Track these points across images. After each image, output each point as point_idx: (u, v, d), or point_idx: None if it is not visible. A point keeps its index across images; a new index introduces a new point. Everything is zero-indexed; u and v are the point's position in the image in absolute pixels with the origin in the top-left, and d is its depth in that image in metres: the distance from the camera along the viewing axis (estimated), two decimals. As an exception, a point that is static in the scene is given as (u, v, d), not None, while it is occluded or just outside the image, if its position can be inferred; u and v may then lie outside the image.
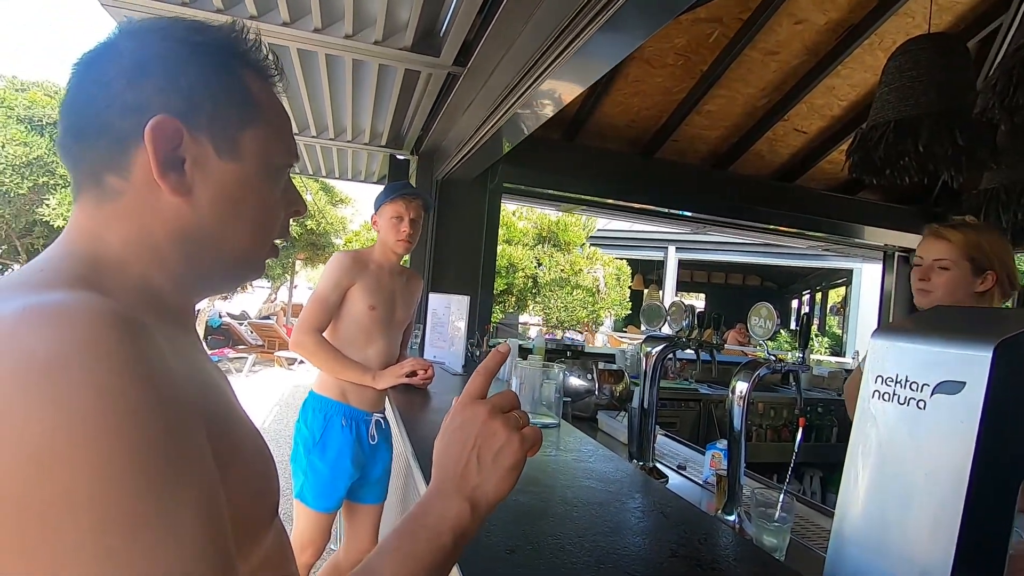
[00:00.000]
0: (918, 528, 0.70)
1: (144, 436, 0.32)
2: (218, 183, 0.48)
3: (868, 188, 4.02)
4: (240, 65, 0.50)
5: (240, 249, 0.51)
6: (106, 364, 0.32)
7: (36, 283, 0.40)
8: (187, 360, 0.45)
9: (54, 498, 0.29)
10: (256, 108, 0.50)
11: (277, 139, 0.52)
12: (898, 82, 1.72)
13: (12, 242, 8.57)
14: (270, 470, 0.52)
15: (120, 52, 0.46)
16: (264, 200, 0.52)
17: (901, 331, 0.78)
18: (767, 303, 1.16)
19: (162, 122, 0.44)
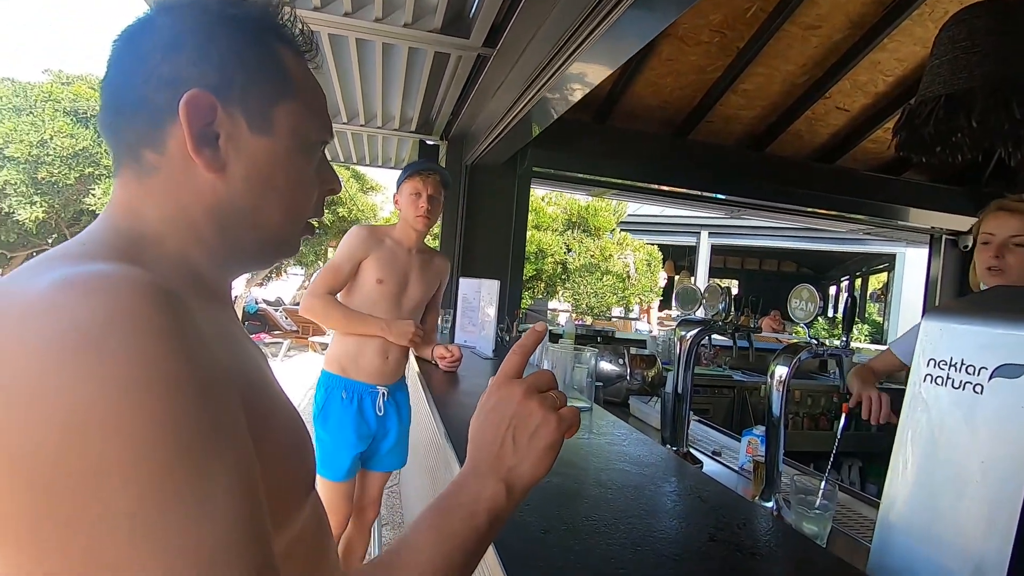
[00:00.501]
0: (972, 518, 0.67)
1: (181, 408, 0.32)
2: (251, 158, 0.48)
3: (915, 168, 3.84)
4: (274, 39, 0.49)
5: (274, 225, 0.51)
6: (145, 335, 0.32)
7: (77, 255, 0.40)
8: (224, 334, 0.45)
9: (91, 467, 0.29)
10: (290, 83, 0.49)
11: (311, 115, 0.51)
12: (950, 54, 1.63)
13: (61, 231, 8.95)
14: (306, 444, 0.52)
15: (157, 27, 0.46)
16: (297, 176, 0.51)
17: (955, 312, 0.74)
18: (808, 285, 1.12)
19: (196, 96, 0.44)
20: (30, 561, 0.30)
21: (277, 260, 0.55)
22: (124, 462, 0.30)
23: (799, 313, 1.14)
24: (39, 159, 7.54)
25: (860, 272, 12.78)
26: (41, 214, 7.83)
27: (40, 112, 7.72)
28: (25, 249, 9.17)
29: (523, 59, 1.97)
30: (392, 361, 1.96)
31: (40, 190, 7.79)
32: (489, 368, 2.01)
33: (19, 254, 9.23)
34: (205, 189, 0.47)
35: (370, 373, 1.91)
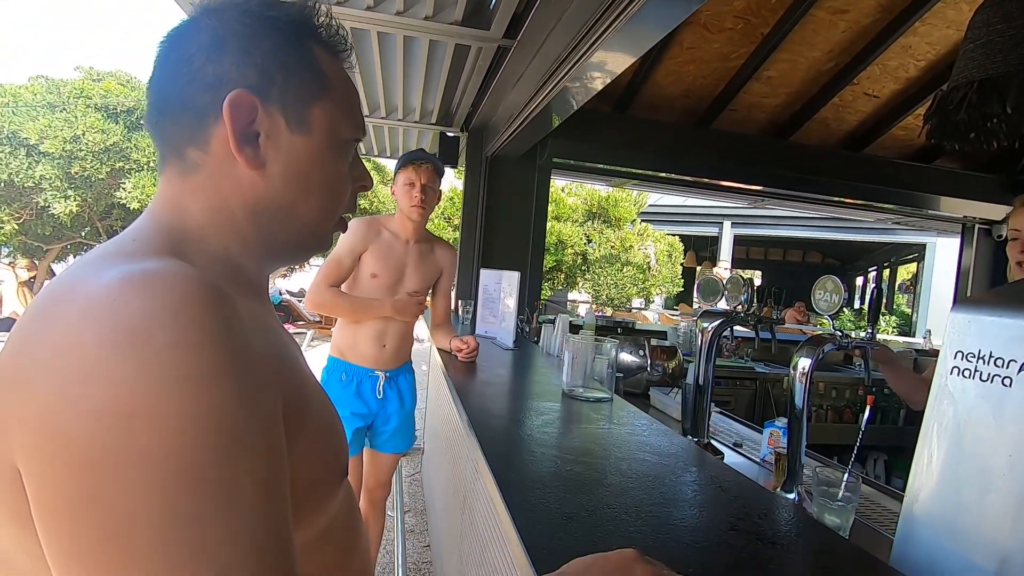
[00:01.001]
0: (999, 512, 0.66)
1: (221, 407, 0.34)
2: (289, 156, 0.49)
3: (947, 155, 3.73)
4: (311, 40, 0.51)
5: (310, 221, 0.52)
6: (195, 334, 0.34)
7: (130, 252, 0.42)
8: (264, 328, 0.47)
9: (133, 456, 0.31)
10: (326, 82, 0.51)
11: (345, 113, 0.52)
12: (985, 37, 1.57)
13: (94, 224, 9.21)
14: (339, 432, 0.54)
15: (200, 29, 0.47)
16: (333, 173, 0.52)
17: (984, 304, 0.73)
18: (833, 276, 1.11)
19: (239, 96, 0.45)
20: (67, 544, 0.32)
21: (312, 254, 0.57)
22: (164, 454, 0.32)
23: (823, 304, 1.13)
24: (72, 154, 7.75)
25: (888, 263, 12.47)
26: (75, 208, 8.06)
27: (73, 109, 7.92)
28: (60, 242, 9.47)
29: (544, 49, 1.96)
30: (390, 348, 1.99)
31: (74, 184, 8.02)
32: (509, 358, 2.02)
33: (54, 246, 9.53)
34: (245, 186, 0.49)
35: (367, 358, 1.97)
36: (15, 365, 0.35)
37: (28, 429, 0.33)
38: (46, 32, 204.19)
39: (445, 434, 2.31)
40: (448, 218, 9.42)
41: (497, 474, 0.84)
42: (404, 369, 2.09)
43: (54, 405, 0.32)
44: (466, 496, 1.57)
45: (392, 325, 1.98)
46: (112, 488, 0.31)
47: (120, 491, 0.31)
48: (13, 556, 0.37)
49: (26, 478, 0.33)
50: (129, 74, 8.97)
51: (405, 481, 3.43)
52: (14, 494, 0.34)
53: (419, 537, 2.75)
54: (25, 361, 0.34)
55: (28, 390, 0.33)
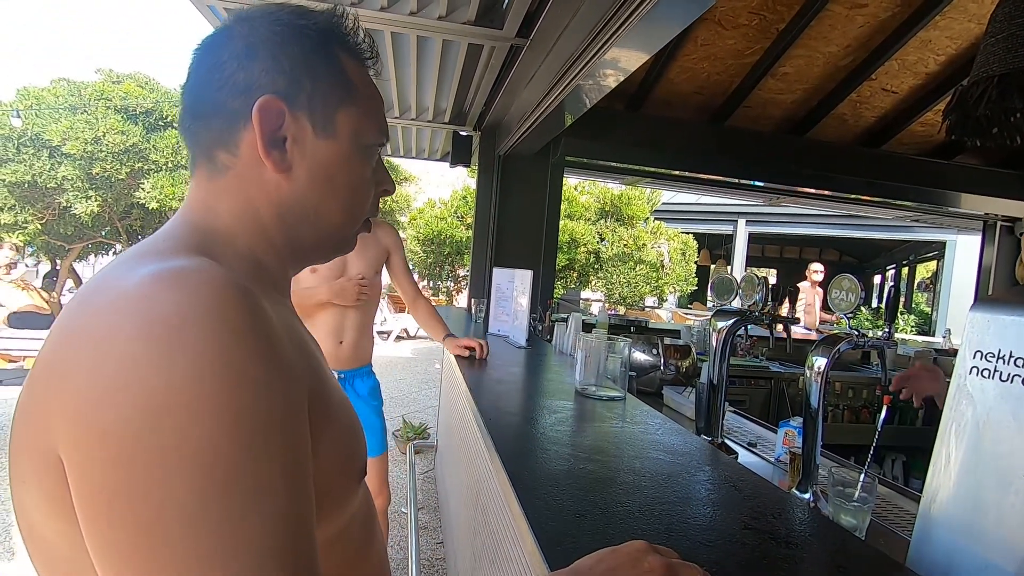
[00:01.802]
0: (1018, 514, 0.65)
1: (250, 403, 0.35)
2: (314, 160, 0.50)
3: (967, 151, 3.66)
4: (338, 47, 0.52)
5: (334, 224, 0.54)
6: (225, 330, 0.35)
7: (162, 251, 0.44)
8: (289, 326, 0.48)
9: (165, 448, 0.32)
10: (351, 88, 0.52)
11: (370, 119, 0.54)
12: (1006, 31, 1.54)
13: (114, 224, 9.38)
14: (358, 432, 0.55)
15: (233, 36, 0.49)
16: (357, 177, 0.54)
17: (1004, 303, 0.72)
18: (849, 275, 1.10)
19: (268, 102, 0.47)
20: (104, 534, 0.33)
21: (334, 256, 0.58)
22: (197, 449, 0.33)
23: (840, 303, 1.12)
24: (93, 155, 7.90)
25: (907, 261, 12.26)
26: (96, 208, 8.22)
27: (93, 110, 8.08)
28: (81, 241, 9.65)
29: (557, 48, 1.96)
30: (347, 345, 1.95)
31: (94, 185, 8.17)
32: (522, 357, 2.03)
33: (76, 246, 9.72)
34: (272, 189, 0.50)
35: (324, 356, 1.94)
36: (56, 359, 0.36)
37: (68, 421, 0.34)
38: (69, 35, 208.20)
39: (458, 432, 2.32)
40: (461, 216, 9.45)
41: (511, 471, 0.84)
42: (363, 372, 2.04)
43: (91, 398, 0.33)
44: (479, 493, 1.58)
45: (349, 319, 1.94)
46: (146, 481, 0.32)
47: (154, 484, 0.32)
48: (55, 543, 0.38)
49: (68, 469, 0.35)
50: (148, 76, 9.12)
51: (419, 478, 3.46)
52: (58, 484, 0.35)
53: (432, 534, 2.77)
54: (64, 355, 0.36)
55: (68, 383, 0.34)
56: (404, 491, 3.31)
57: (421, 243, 9.45)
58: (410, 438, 3.92)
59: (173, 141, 8.12)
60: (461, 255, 9.37)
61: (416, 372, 6.98)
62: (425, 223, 9.47)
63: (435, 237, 9.28)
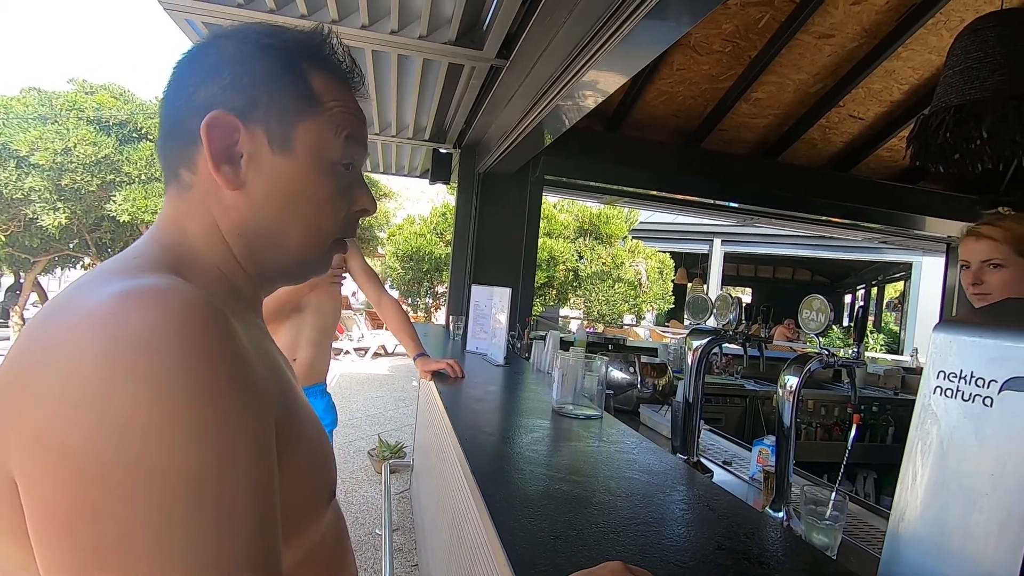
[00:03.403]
0: (982, 532, 0.67)
1: (215, 421, 0.34)
2: (270, 177, 0.49)
3: (931, 177, 3.80)
4: (305, 63, 0.51)
5: (297, 243, 0.52)
6: (193, 349, 0.35)
7: (132, 268, 0.43)
8: (259, 347, 0.47)
9: (127, 467, 0.31)
10: (313, 102, 0.50)
11: (336, 134, 0.51)
12: (963, 64, 1.62)
13: (83, 236, 9.13)
14: (327, 453, 0.54)
15: (200, 56, 0.49)
16: (319, 195, 0.51)
17: (965, 324, 0.74)
18: (820, 295, 1.12)
19: (216, 117, 0.46)
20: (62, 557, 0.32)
21: (307, 277, 0.56)
22: (162, 468, 0.32)
23: (811, 324, 1.14)
24: (63, 166, 7.71)
25: (876, 281, 12.62)
26: (64, 220, 8.00)
27: (64, 121, 7.90)
28: (47, 254, 9.37)
29: (536, 69, 2.00)
30: (301, 361, 1.89)
31: (63, 196, 7.96)
32: (499, 375, 2.02)
33: (41, 259, 9.43)
34: (230, 207, 0.49)
35: None
36: (13, 378, 0.35)
37: (26, 441, 0.33)
38: (39, 44, 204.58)
39: (435, 451, 2.29)
40: (440, 233, 9.45)
41: (486, 492, 0.83)
42: (316, 391, 1.98)
43: (53, 418, 0.32)
44: (455, 514, 1.55)
45: (303, 334, 1.89)
46: (109, 501, 0.31)
47: (117, 504, 0.31)
48: (10, 572, 0.36)
49: (23, 491, 0.33)
50: (123, 87, 8.98)
51: (394, 498, 3.39)
52: (11, 507, 0.34)
53: (407, 556, 2.71)
54: (23, 374, 0.35)
55: (26, 403, 0.33)
56: (378, 512, 3.24)
57: (400, 259, 9.40)
58: (385, 457, 3.85)
59: (147, 153, 7.99)
60: (440, 272, 9.34)
61: (393, 389, 6.89)
62: (404, 239, 9.44)
63: (414, 253, 9.25)
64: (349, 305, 10.47)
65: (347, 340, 9.17)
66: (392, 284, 9.58)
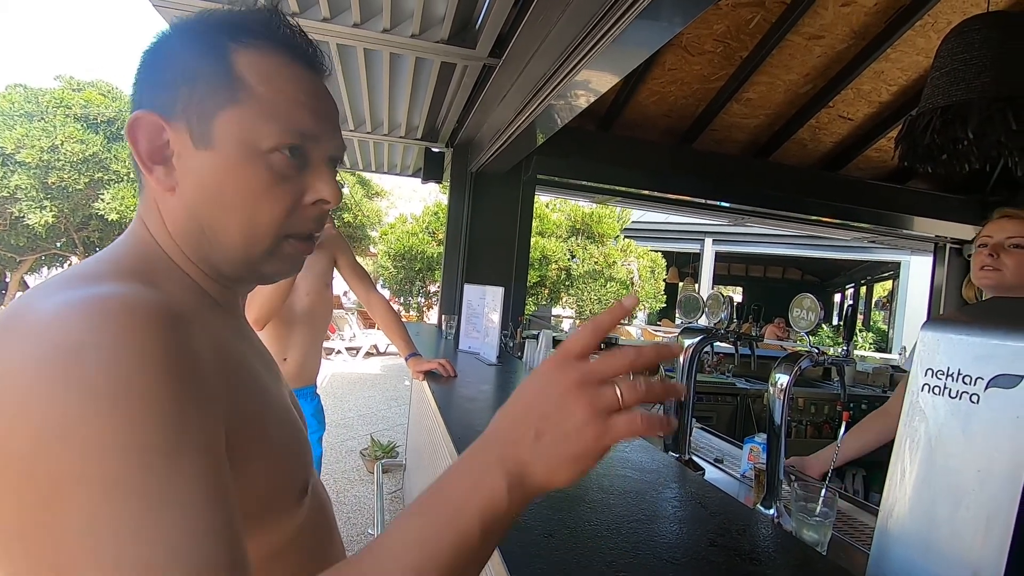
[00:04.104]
0: (969, 527, 0.68)
1: (153, 426, 0.33)
2: (197, 174, 0.47)
3: (919, 177, 3.85)
4: (236, 44, 0.46)
5: (236, 241, 0.48)
6: (129, 355, 0.34)
7: (91, 275, 0.42)
8: (223, 349, 0.45)
9: (56, 474, 0.31)
10: (236, 87, 0.46)
11: (267, 119, 0.46)
12: (949, 65, 1.64)
13: (70, 235, 9.03)
14: (300, 446, 0.53)
15: (148, 52, 0.48)
16: (249, 189, 0.47)
17: (953, 323, 0.76)
18: (810, 294, 1.13)
19: (137, 118, 0.46)
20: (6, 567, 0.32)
21: (266, 277, 0.52)
22: (85, 471, 0.31)
23: (801, 322, 1.15)
24: (50, 164, 7.62)
25: (865, 280, 12.74)
26: (51, 218, 7.90)
27: (51, 118, 7.81)
28: (34, 253, 9.26)
29: (529, 68, 2.00)
30: (292, 362, 1.89)
31: (50, 195, 7.87)
32: (493, 374, 2.02)
33: (28, 258, 9.32)
34: (171, 207, 0.48)
35: None
36: None
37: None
38: (25, 40, 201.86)
39: (428, 450, 2.29)
40: (432, 232, 9.43)
41: (479, 491, 0.83)
42: (307, 392, 1.97)
43: None
44: (448, 513, 1.55)
45: (294, 336, 1.89)
46: (39, 509, 0.31)
47: (45, 511, 0.31)
48: None
49: None
50: (111, 84, 8.88)
51: (386, 498, 3.38)
52: None
53: (400, 556, 2.70)
54: None
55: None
56: (371, 511, 3.23)
57: (392, 258, 9.37)
58: (378, 457, 3.84)
59: (136, 151, 7.90)
60: (432, 271, 9.33)
61: (385, 389, 6.87)
62: (396, 238, 9.41)
63: (406, 253, 9.23)
64: (341, 304, 10.43)
65: (339, 339, 9.13)
66: (384, 283, 9.56)
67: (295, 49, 0.49)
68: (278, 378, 0.57)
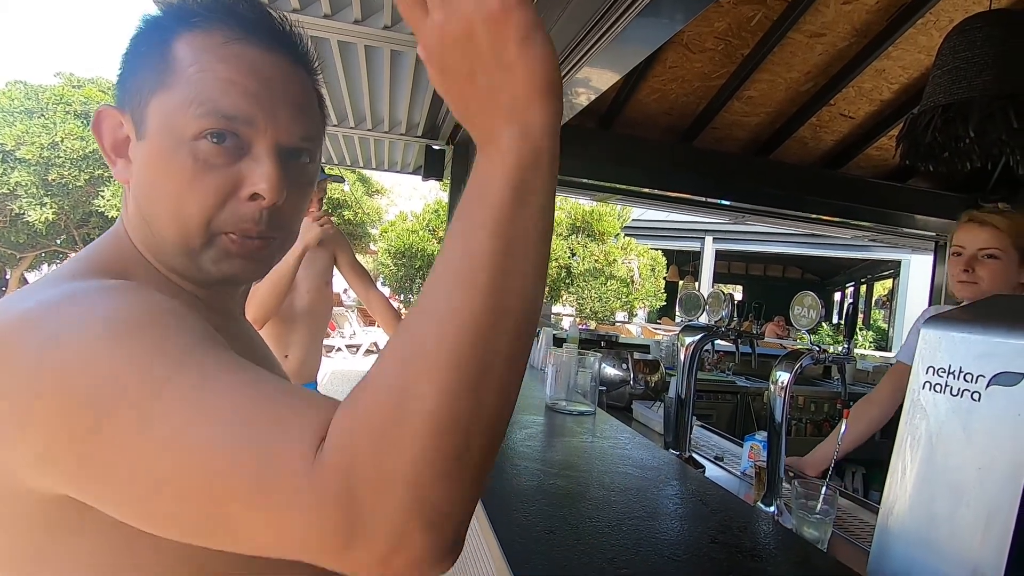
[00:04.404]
0: (969, 524, 0.68)
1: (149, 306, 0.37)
2: (137, 164, 0.46)
3: (920, 175, 3.84)
4: (180, 27, 0.44)
5: (171, 236, 0.45)
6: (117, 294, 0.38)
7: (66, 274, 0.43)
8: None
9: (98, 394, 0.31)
10: (166, 73, 0.43)
11: (191, 102, 0.42)
12: (951, 64, 1.64)
13: (71, 232, 9.03)
14: None
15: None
16: (174, 178, 0.43)
17: (954, 321, 0.76)
18: (811, 292, 1.13)
19: (99, 113, 0.47)
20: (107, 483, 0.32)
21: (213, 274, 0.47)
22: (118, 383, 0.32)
23: (802, 320, 1.15)
24: (50, 161, 7.62)
25: (865, 279, 12.74)
26: (51, 215, 7.90)
27: (51, 115, 7.81)
28: (34, 250, 9.26)
29: (529, 66, 1.99)
30: (293, 359, 1.89)
31: (50, 192, 7.87)
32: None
33: (28, 255, 9.32)
34: (128, 201, 0.49)
35: None
36: None
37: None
38: (25, 37, 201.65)
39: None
40: (433, 230, 9.42)
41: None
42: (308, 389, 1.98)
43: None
44: (448, 510, 1.55)
45: (295, 333, 1.88)
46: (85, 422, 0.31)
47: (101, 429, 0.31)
48: None
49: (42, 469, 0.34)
50: (111, 81, 8.87)
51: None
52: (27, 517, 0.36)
53: (400, 553, 2.71)
54: None
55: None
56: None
57: (392, 256, 9.37)
58: (378, 454, 3.84)
59: (136, 148, 7.91)
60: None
61: (385, 387, 6.87)
62: (396, 236, 9.41)
63: (406, 250, 9.22)
64: (341, 302, 10.43)
65: (339, 337, 9.13)
66: (384, 281, 9.55)
67: (247, 25, 0.44)
68: (277, 369, 0.57)
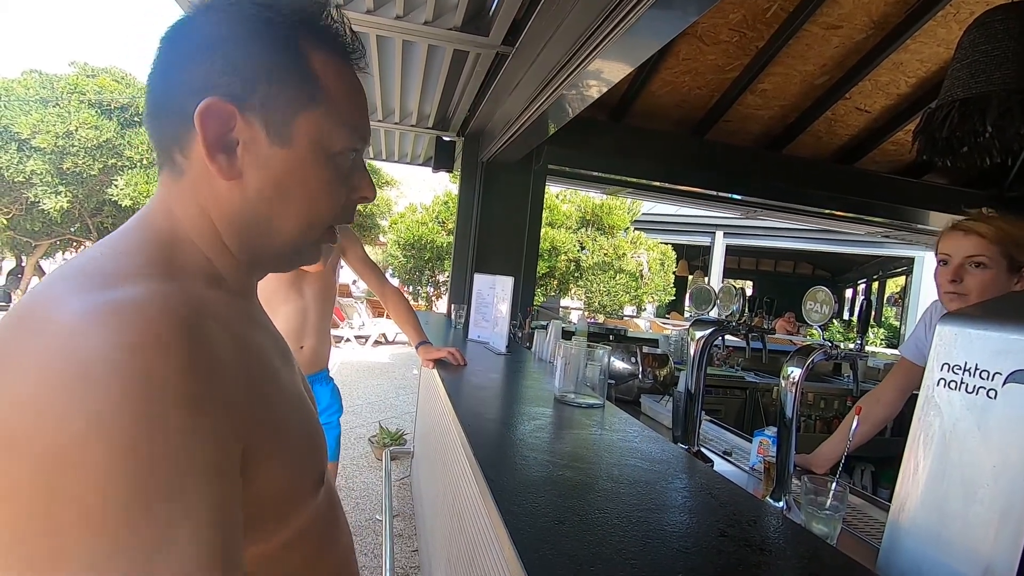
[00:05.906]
0: (982, 522, 0.67)
1: (148, 451, 0.33)
2: (266, 168, 0.47)
3: (936, 171, 3.79)
4: (309, 43, 0.48)
5: (291, 235, 0.50)
6: (143, 377, 0.34)
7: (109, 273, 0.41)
8: (241, 342, 0.45)
9: (66, 498, 0.31)
10: (316, 90, 0.48)
11: (339, 123, 0.49)
12: (970, 57, 1.61)
13: (85, 221, 9.13)
14: (316, 440, 0.53)
15: (192, 29, 0.46)
16: (316, 187, 0.49)
17: (970, 317, 0.75)
18: (824, 287, 1.12)
19: (212, 105, 0.44)
20: None
21: (297, 265, 0.55)
22: (85, 498, 0.31)
23: (814, 315, 1.14)
24: (64, 150, 7.70)
25: (877, 275, 12.60)
26: (66, 204, 7.99)
27: (66, 104, 7.87)
28: (49, 238, 9.38)
29: (542, 57, 1.98)
30: (307, 349, 1.92)
31: (65, 180, 7.95)
32: (502, 363, 2.03)
33: (43, 243, 9.44)
34: (223, 196, 0.47)
35: None
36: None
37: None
38: (40, 26, 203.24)
39: (436, 438, 2.30)
40: (442, 222, 9.43)
41: (489, 478, 0.84)
42: (320, 377, 2.01)
43: (4, 443, 0.32)
44: (456, 500, 1.57)
45: (309, 322, 1.91)
46: (35, 537, 0.31)
47: (47, 538, 0.31)
48: None
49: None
50: (124, 71, 8.93)
51: (394, 485, 3.42)
52: None
53: (407, 541, 2.74)
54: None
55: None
56: (379, 498, 3.26)
57: (402, 248, 9.40)
58: (386, 444, 3.87)
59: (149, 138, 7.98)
60: (442, 260, 9.34)
61: (393, 377, 6.92)
62: (406, 227, 9.43)
63: (416, 242, 9.24)
64: (350, 293, 10.49)
65: (348, 328, 9.19)
66: (393, 272, 9.59)
67: (348, 49, 0.51)
68: (291, 365, 0.57)
